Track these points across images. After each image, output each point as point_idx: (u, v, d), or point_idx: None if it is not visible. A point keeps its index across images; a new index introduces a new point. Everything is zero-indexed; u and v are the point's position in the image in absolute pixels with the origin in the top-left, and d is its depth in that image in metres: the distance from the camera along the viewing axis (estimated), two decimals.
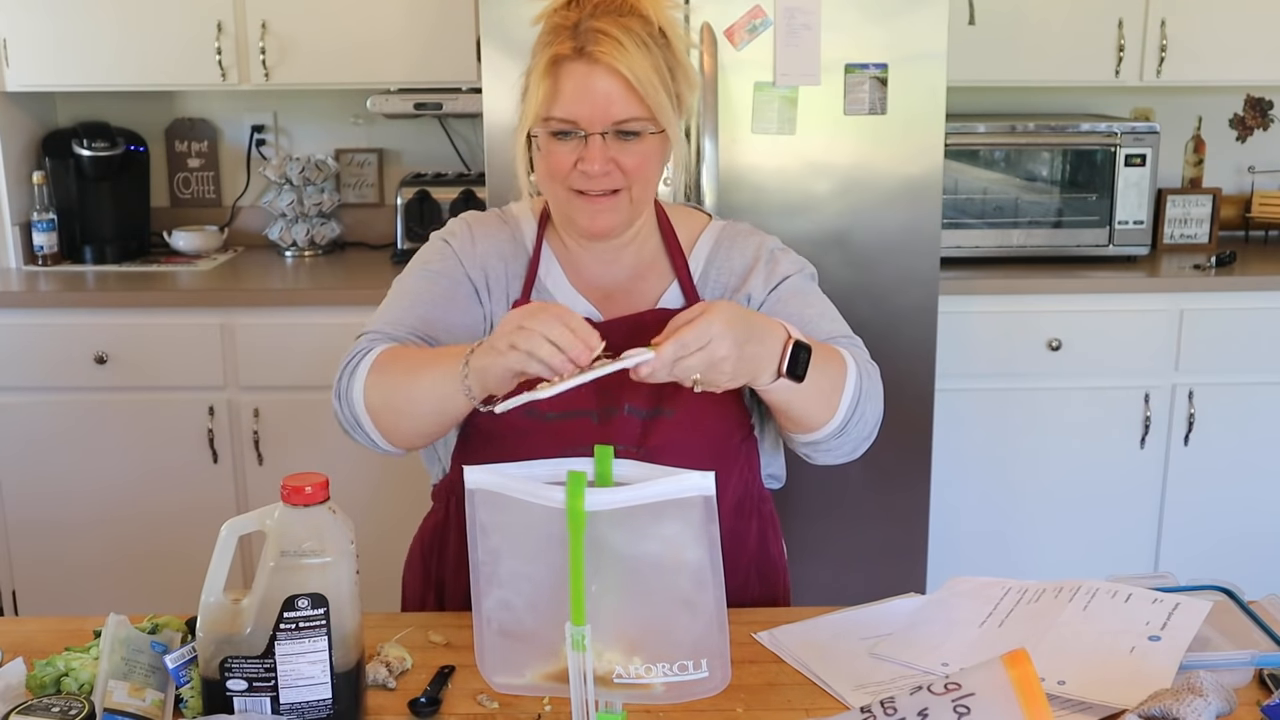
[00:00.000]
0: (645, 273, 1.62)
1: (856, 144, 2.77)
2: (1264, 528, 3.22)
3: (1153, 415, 3.15)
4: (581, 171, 1.48)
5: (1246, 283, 3.13)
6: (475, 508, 1.14)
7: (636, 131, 1.47)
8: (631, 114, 1.46)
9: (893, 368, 3.01)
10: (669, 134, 1.50)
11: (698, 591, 1.12)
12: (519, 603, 1.15)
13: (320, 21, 3.16)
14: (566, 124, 1.46)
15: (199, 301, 3.07)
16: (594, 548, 1.10)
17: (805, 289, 1.63)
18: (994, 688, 1.04)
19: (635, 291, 1.61)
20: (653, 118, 1.47)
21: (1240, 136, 3.65)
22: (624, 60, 1.43)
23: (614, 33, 1.44)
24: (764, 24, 2.70)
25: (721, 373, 1.30)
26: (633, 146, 1.48)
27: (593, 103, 1.45)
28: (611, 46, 1.43)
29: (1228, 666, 1.29)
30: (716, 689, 1.14)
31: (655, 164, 1.52)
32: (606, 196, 1.50)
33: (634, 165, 1.49)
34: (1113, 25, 3.19)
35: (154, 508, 3.12)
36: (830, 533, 2.97)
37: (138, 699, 1.22)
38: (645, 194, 1.54)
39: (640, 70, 1.44)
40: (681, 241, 1.64)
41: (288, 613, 1.19)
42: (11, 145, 3.31)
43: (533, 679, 1.17)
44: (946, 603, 1.49)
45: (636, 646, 1.14)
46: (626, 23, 1.45)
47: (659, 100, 1.46)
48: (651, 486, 1.11)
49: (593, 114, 1.45)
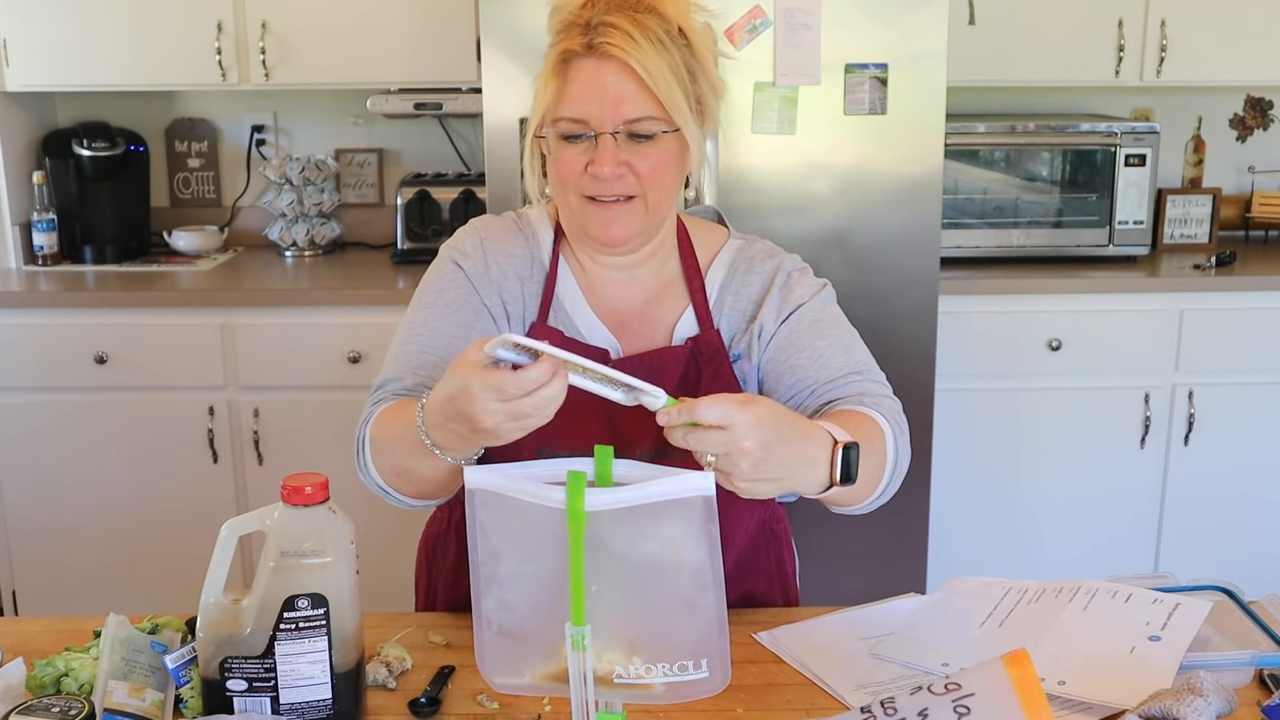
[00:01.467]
0: (661, 296, 1.54)
1: (856, 144, 2.77)
2: (1264, 528, 3.22)
3: (1153, 415, 3.15)
4: (592, 175, 1.40)
5: (1246, 283, 3.13)
6: (475, 508, 1.13)
7: (650, 134, 1.39)
8: (644, 112, 1.38)
9: (893, 368, 3.00)
10: (686, 136, 1.41)
11: (698, 592, 1.11)
12: (519, 603, 1.15)
13: (320, 21, 3.16)
14: (576, 124, 1.39)
15: (199, 301, 3.07)
16: (594, 548, 1.10)
17: (820, 317, 1.54)
18: (994, 688, 1.04)
19: (650, 317, 1.53)
20: (667, 117, 1.39)
21: (1240, 136, 3.65)
22: (635, 54, 1.36)
23: (626, 26, 1.36)
24: (764, 24, 2.70)
25: (740, 468, 1.17)
26: (647, 149, 1.40)
27: (602, 100, 1.37)
28: (622, 39, 1.36)
29: (1228, 666, 1.29)
30: (717, 689, 1.13)
31: (672, 169, 1.43)
32: (620, 203, 1.42)
33: (649, 169, 1.41)
34: (1113, 25, 3.20)
35: (154, 508, 3.12)
36: (830, 533, 2.96)
37: (137, 699, 1.22)
38: (662, 201, 1.45)
39: (653, 65, 1.36)
40: (700, 262, 1.56)
41: (288, 613, 1.18)
42: (11, 145, 3.31)
43: (533, 679, 1.16)
44: (946, 603, 1.49)
45: (636, 647, 1.13)
46: (641, 19, 1.38)
47: (674, 98, 1.38)
48: (652, 486, 1.09)
49: (603, 112, 1.38)
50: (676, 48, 1.40)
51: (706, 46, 1.45)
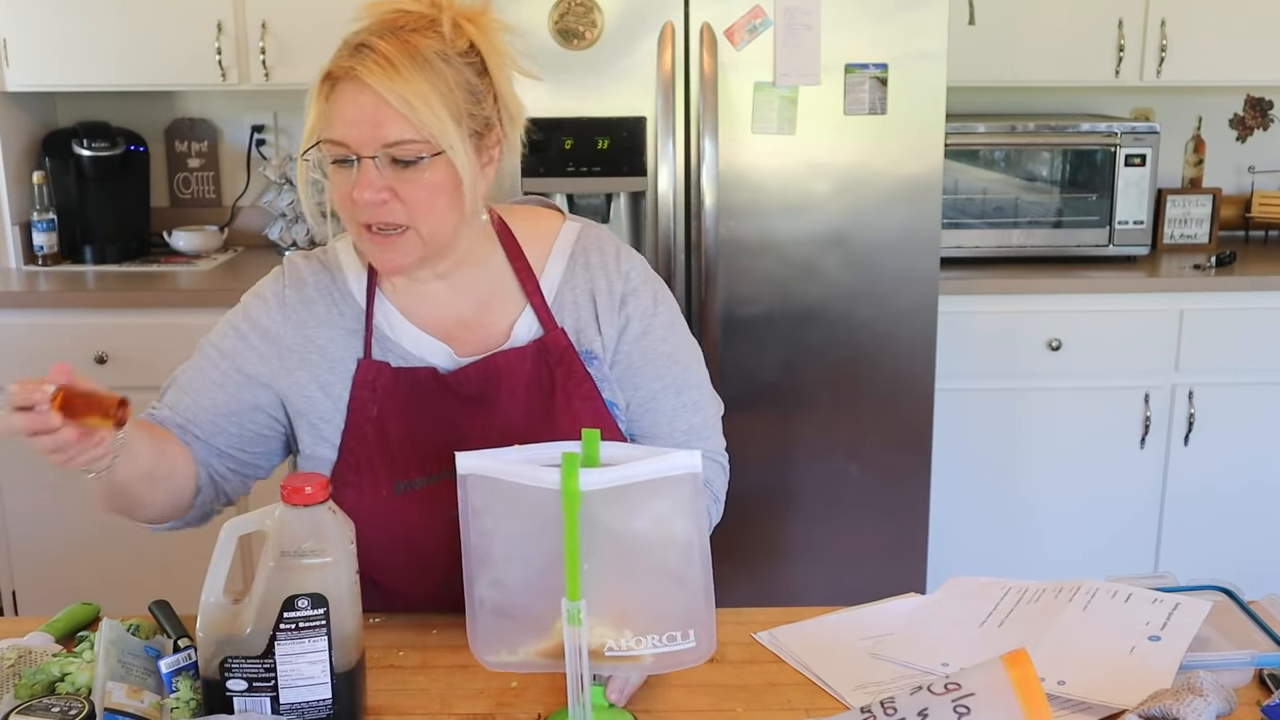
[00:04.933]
0: (491, 301, 1.50)
1: (856, 144, 2.77)
2: (1264, 528, 3.22)
3: (1153, 415, 3.15)
4: (356, 201, 1.35)
5: (1246, 283, 3.13)
6: (467, 492, 1.17)
7: (412, 159, 1.34)
8: (402, 136, 1.33)
9: (893, 368, 3.04)
10: (453, 161, 1.35)
11: (686, 564, 1.16)
12: (512, 582, 1.18)
13: (320, 21, 3.14)
14: (338, 147, 1.35)
15: (199, 301, 3.07)
16: (586, 526, 1.14)
17: (658, 348, 1.53)
18: (994, 688, 1.04)
19: (484, 324, 1.50)
20: (428, 141, 1.33)
21: (1240, 136, 3.65)
22: (389, 82, 1.31)
23: (386, 50, 1.32)
24: (764, 24, 2.70)
25: None
26: (412, 176, 1.35)
27: (360, 123, 1.33)
28: (379, 64, 1.32)
29: (1228, 666, 1.29)
30: (703, 658, 1.18)
31: (444, 198, 1.37)
32: (391, 235, 1.38)
33: (416, 199, 1.35)
34: (1113, 25, 3.20)
35: None
36: (830, 533, 2.97)
37: (136, 700, 1.22)
38: (437, 231, 1.39)
39: (409, 91, 1.31)
40: (530, 259, 1.51)
41: (288, 613, 1.18)
42: (11, 145, 3.31)
43: (525, 656, 1.20)
44: (946, 603, 1.49)
45: (627, 620, 1.17)
46: (413, 40, 1.34)
47: (436, 123, 1.32)
48: (641, 465, 1.14)
49: (360, 135, 1.33)
50: (452, 68, 1.36)
51: (503, 65, 1.42)
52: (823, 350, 2.85)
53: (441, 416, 1.47)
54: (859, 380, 2.87)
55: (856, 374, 2.86)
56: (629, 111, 2.73)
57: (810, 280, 2.82)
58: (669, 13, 2.69)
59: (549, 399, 1.48)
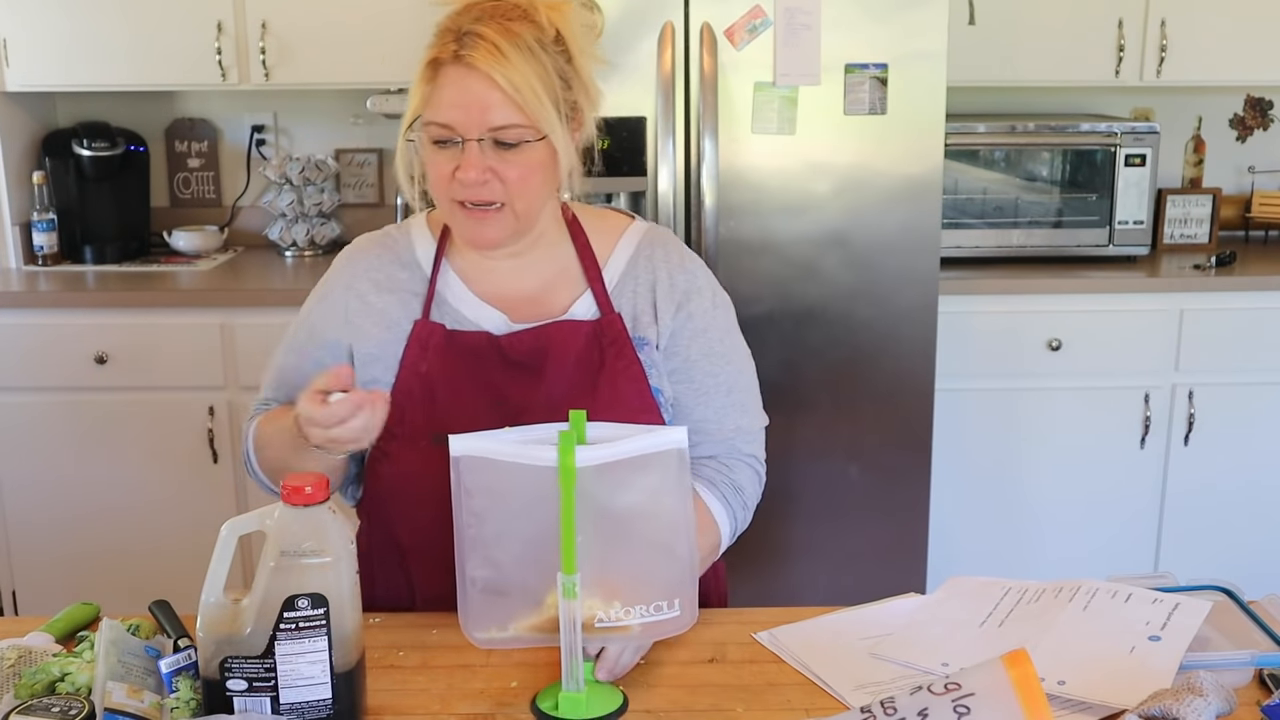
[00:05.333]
0: (556, 282, 1.57)
1: (856, 144, 2.77)
2: (1264, 528, 3.22)
3: (1153, 415, 3.15)
4: (459, 180, 1.43)
5: (1246, 283, 3.13)
6: (460, 474, 1.21)
7: (515, 142, 1.41)
8: (510, 120, 1.40)
9: (893, 368, 3.04)
10: (554, 144, 1.43)
11: (673, 537, 1.22)
12: (504, 559, 1.22)
13: (320, 21, 3.16)
14: (443, 129, 1.42)
15: (199, 301, 3.07)
16: (579, 501, 1.18)
17: (715, 347, 1.58)
18: (994, 688, 1.04)
19: (545, 302, 1.56)
20: (533, 126, 1.41)
21: (1240, 136, 3.65)
22: (499, 66, 1.38)
23: (493, 37, 1.39)
24: (764, 24, 2.70)
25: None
26: (513, 157, 1.42)
27: (468, 107, 1.40)
28: (487, 52, 1.38)
29: (1228, 666, 1.29)
30: (686, 626, 1.24)
31: (540, 177, 1.45)
32: (488, 210, 1.45)
33: (515, 177, 1.43)
34: (1112, 25, 3.20)
35: (154, 508, 3.12)
36: (830, 533, 2.97)
37: (136, 700, 1.22)
38: (530, 208, 1.48)
39: (518, 77, 1.39)
40: (596, 250, 1.58)
41: (288, 613, 1.19)
42: (11, 145, 3.31)
43: (516, 631, 1.24)
44: (946, 603, 1.49)
45: (616, 592, 1.22)
46: (513, 28, 1.41)
47: (539, 108, 1.40)
48: (631, 442, 1.19)
49: (468, 119, 1.40)
50: (549, 55, 1.43)
51: (586, 52, 1.48)
52: (823, 350, 2.85)
53: (489, 381, 1.52)
54: (859, 380, 2.87)
55: (856, 374, 2.86)
56: (629, 111, 2.74)
57: (810, 280, 2.82)
58: (669, 13, 2.69)
59: (595, 375, 1.51)
